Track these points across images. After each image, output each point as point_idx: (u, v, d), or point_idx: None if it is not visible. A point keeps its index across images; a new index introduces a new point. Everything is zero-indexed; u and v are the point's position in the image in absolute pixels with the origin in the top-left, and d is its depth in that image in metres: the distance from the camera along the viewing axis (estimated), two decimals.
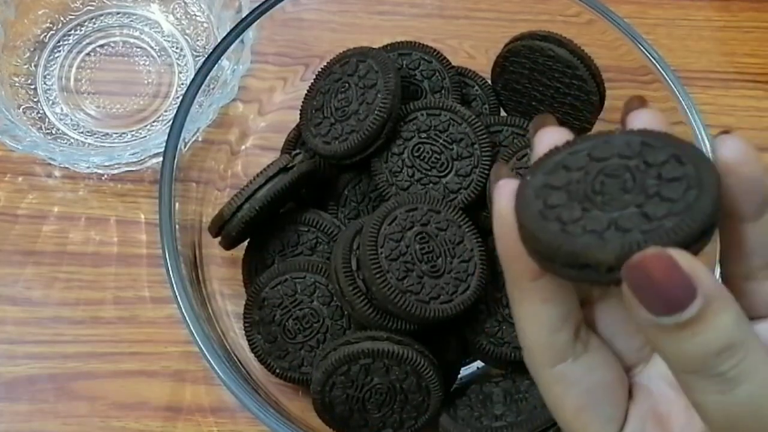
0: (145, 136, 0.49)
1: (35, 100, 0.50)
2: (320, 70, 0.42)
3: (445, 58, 0.43)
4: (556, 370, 0.25)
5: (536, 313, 0.25)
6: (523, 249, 0.23)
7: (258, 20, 0.42)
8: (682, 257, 0.20)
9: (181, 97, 0.40)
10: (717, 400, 0.20)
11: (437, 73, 0.43)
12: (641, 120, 0.25)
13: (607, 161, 0.24)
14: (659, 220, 0.21)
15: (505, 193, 0.24)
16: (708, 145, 0.40)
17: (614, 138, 0.24)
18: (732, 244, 0.24)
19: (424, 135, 0.40)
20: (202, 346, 0.36)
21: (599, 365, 0.25)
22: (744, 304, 0.22)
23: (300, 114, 0.43)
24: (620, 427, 0.25)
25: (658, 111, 0.26)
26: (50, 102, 0.50)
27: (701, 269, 0.20)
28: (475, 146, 0.40)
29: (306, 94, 0.43)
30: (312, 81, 0.43)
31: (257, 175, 0.39)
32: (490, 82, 0.45)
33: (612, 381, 0.25)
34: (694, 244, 0.21)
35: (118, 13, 0.52)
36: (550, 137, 0.25)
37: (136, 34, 0.52)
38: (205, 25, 0.52)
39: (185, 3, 0.52)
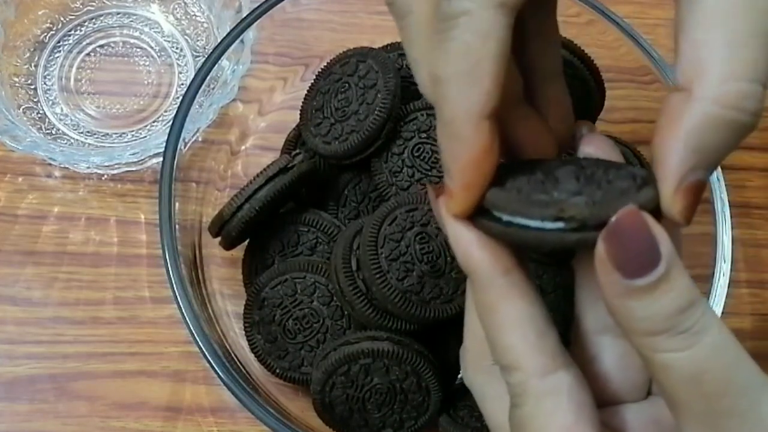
0: (145, 136, 0.49)
1: (35, 100, 0.50)
2: (320, 70, 0.42)
3: None
4: (548, 381, 0.24)
5: (518, 314, 0.24)
6: (487, 244, 0.24)
7: (258, 20, 0.43)
8: (648, 217, 0.22)
9: (181, 97, 0.40)
10: (685, 356, 0.21)
11: None
12: (593, 144, 0.28)
13: (558, 169, 0.25)
14: (620, 192, 0.23)
15: (443, 206, 0.25)
16: None
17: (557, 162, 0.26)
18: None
19: (424, 135, 0.40)
20: (202, 346, 0.36)
21: (584, 382, 0.24)
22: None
23: (300, 114, 0.43)
24: None
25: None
26: (50, 102, 0.50)
27: (661, 231, 0.21)
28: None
29: (306, 95, 0.43)
30: (312, 81, 0.43)
31: (257, 175, 0.39)
32: None
33: (594, 404, 0.25)
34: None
35: (118, 13, 0.52)
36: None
37: (136, 34, 0.52)
38: (205, 25, 0.52)
39: (185, 3, 0.52)
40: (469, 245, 0.24)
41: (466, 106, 0.23)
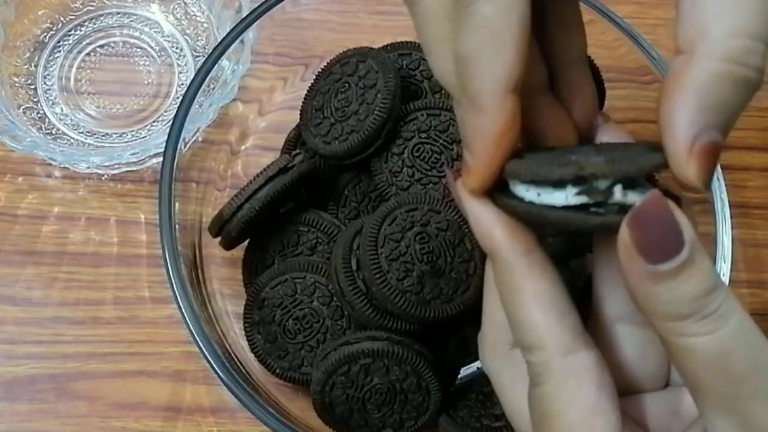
0: (145, 136, 0.49)
1: (35, 100, 0.50)
2: (320, 70, 0.42)
3: None
4: (569, 360, 0.24)
5: (540, 293, 0.24)
6: (508, 224, 0.25)
7: (258, 20, 0.43)
8: (671, 203, 0.22)
9: (181, 97, 0.40)
10: (710, 339, 0.22)
11: None
12: (609, 134, 0.28)
13: (576, 148, 0.25)
14: (637, 154, 0.24)
15: (462, 186, 0.25)
16: None
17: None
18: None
19: (424, 135, 0.40)
20: (202, 346, 0.36)
21: (605, 364, 0.25)
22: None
23: (300, 114, 0.43)
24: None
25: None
26: (50, 102, 0.50)
27: (683, 216, 0.22)
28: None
29: (306, 95, 0.43)
30: (312, 81, 0.43)
31: (257, 175, 0.39)
32: None
33: (614, 386, 0.25)
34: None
35: (118, 13, 0.52)
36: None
37: (136, 34, 0.52)
38: (205, 25, 0.52)
39: (185, 3, 0.52)
40: (490, 225, 0.25)
41: (491, 78, 0.23)
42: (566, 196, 0.23)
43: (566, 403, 0.24)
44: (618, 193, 0.23)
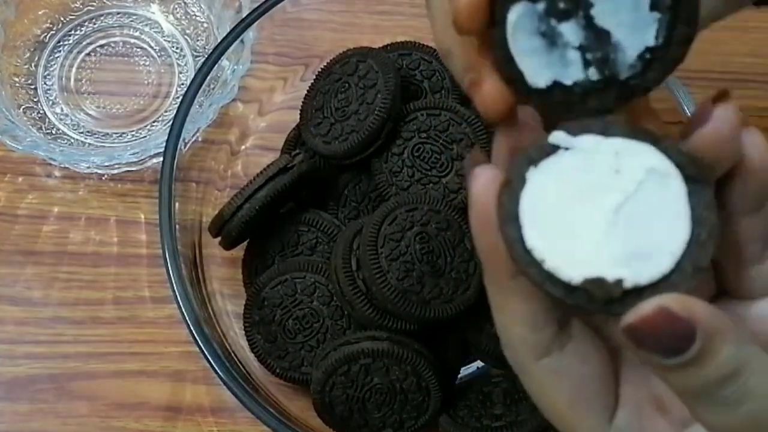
0: (145, 136, 0.49)
1: (35, 100, 0.50)
2: (320, 70, 0.42)
3: None
4: (543, 363, 0.24)
5: (517, 312, 0.24)
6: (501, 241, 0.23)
7: (258, 20, 0.43)
8: (676, 301, 0.20)
9: (181, 97, 0.40)
10: (721, 418, 0.21)
11: (437, 73, 0.43)
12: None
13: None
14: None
15: (481, 182, 0.23)
16: None
17: None
18: (728, 239, 0.24)
19: (424, 135, 0.40)
20: (202, 346, 0.36)
21: (587, 353, 0.25)
22: (739, 290, 0.24)
23: (300, 114, 0.43)
24: (613, 411, 0.25)
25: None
26: (50, 102, 0.50)
27: (697, 306, 0.20)
28: (475, 146, 0.40)
29: (306, 94, 0.43)
30: (312, 81, 0.43)
31: (257, 175, 0.39)
32: None
33: (602, 367, 0.25)
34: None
35: (118, 13, 0.52)
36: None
37: (136, 34, 0.52)
38: (205, 25, 0.52)
39: (185, 3, 0.52)
40: (485, 243, 0.24)
41: None
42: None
43: (547, 402, 0.25)
44: (630, 282, 0.21)
